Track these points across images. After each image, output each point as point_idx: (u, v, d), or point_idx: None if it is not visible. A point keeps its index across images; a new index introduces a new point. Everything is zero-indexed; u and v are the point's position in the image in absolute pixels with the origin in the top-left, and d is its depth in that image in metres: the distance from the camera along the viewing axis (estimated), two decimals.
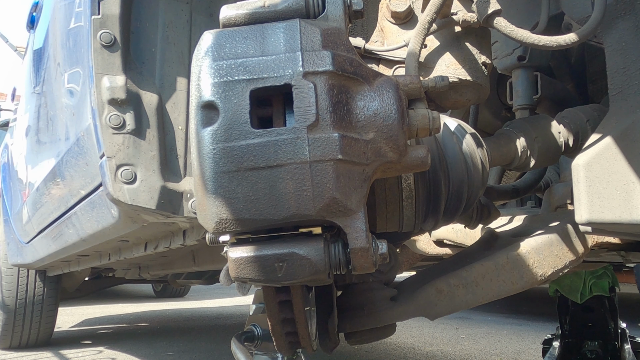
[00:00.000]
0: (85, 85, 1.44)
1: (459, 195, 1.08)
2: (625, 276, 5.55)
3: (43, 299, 3.55)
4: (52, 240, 2.38)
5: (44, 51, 2.13)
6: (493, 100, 1.89)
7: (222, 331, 4.34)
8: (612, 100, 1.03)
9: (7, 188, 3.48)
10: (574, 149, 1.29)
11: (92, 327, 4.74)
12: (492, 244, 1.27)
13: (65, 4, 1.65)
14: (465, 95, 1.15)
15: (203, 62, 0.78)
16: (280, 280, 0.77)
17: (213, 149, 0.75)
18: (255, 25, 0.80)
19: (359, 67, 0.80)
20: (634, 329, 2.83)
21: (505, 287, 1.16)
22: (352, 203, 0.76)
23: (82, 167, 1.59)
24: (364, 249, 0.76)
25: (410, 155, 0.82)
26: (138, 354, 3.40)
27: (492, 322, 4.60)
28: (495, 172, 1.89)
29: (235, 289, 1.14)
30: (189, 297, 7.30)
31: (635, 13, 1.00)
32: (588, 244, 1.20)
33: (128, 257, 2.19)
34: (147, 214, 1.39)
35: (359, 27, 1.29)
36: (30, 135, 2.52)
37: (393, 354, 3.23)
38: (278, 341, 0.98)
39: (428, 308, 1.16)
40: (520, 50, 1.53)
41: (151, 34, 1.35)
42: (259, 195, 0.74)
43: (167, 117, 1.36)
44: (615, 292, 2.15)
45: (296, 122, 0.74)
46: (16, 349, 3.64)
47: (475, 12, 1.08)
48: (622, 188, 0.94)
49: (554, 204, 1.45)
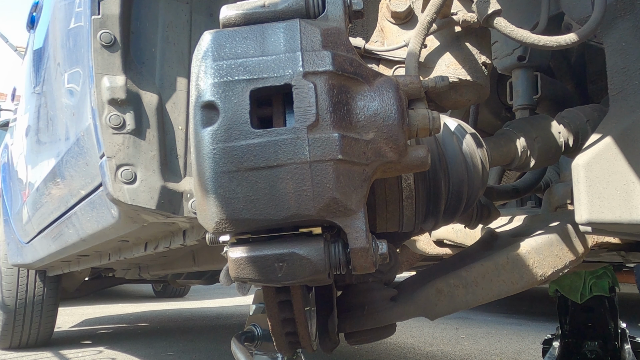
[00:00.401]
0: (85, 85, 1.44)
1: (459, 195, 1.08)
2: (625, 276, 5.55)
3: (43, 299, 3.55)
4: (52, 240, 2.38)
5: (44, 51, 2.13)
6: (493, 100, 1.89)
7: (222, 331, 4.34)
8: (612, 100, 1.02)
9: (7, 188, 3.48)
10: (574, 149, 1.29)
11: (92, 327, 4.74)
12: (492, 244, 1.27)
13: (65, 4, 1.65)
14: (465, 95, 1.15)
15: (203, 62, 0.78)
16: (280, 280, 0.77)
17: (213, 149, 0.75)
18: (255, 25, 0.80)
19: (359, 67, 0.80)
20: (634, 329, 2.83)
21: (505, 287, 1.16)
22: (352, 203, 0.76)
23: (82, 167, 1.59)
24: (364, 249, 0.76)
25: (410, 155, 0.82)
26: (138, 354, 3.40)
27: (492, 322, 4.60)
28: (495, 172, 1.89)
29: (235, 289, 1.13)
30: (189, 297, 7.30)
31: (635, 13, 1.00)
32: (588, 244, 1.20)
33: (128, 257, 2.19)
34: (147, 214, 1.40)
35: (359, 27, 1.29)
36: (30, 135, 2.52)
37: (393, 354, 3.23)
38: (278, 341, 0.98)
39: (428, 308, 1.16)
40: (520, 50, 1.53)
41: (151, 34, 1.35)
42: (259, 195, 0.74)
43: (167, 117, 1.36)
44: (615, 292, 2.15)
45: (296, 122, 0.74)
46: (16, 349, 3.64)
47: (475, 12, 1.08)
48: (622, 188, 0.94)
49: (554, 204, 1.45)
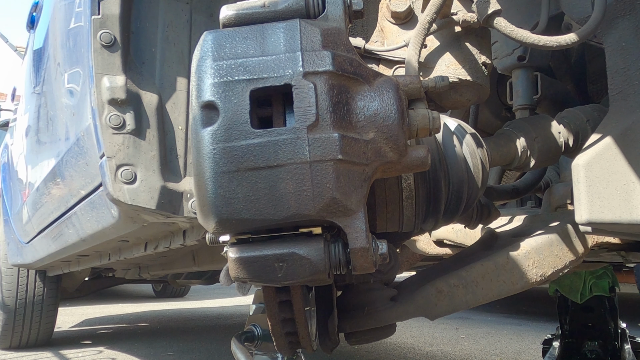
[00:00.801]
0: (85, 85, 1.44)
1: (459, 195, 1.08)
2: (625, 276, 5.55)
3: (43, 299, 3.55)
4: (52, 240, 2.38)
5: (44, 51, 2.13)
6: (493, 100, 1.89)
7: (222, 331, 4.34)
8: (612, 100, 1.02)
9: (7, 188, 3.48)
10: (574, 149, 1.29)
11: (92, 327, 4.74)
12: (492, 244, 1.27)
13: (65, 4, 1.65)
14: (465, 95, 1.15)
15: (203, 62, 0.78)
16: (280, 280, 0.77)
17: (213, 149, 0.75)
18: (255, 25, 0.80)
19: (359, 67, 0.80)
20: (634, 329, 2.83)
21: (505, 287, 1.16)
22: (352, 203, 0.76)
23: (82, 167, 1.59)
24: (364, 249, 0.76)
25: (410, 155, 0.82)
26: (138, 354, 3.40)
27: (492, 322, 4.60)
28: (495, 172, 1.89)
29: (235, 289, 1.13)
30: (189, 297, 7.30)
31: (635, 13, 1.00)
32: (588, 244, 1.20)
33: (128, 257, 2.19)
34: (147, 214, 1.40)
35: (359, 27, 1.29)
36: (30, 135, 2.52)
37: (393, 354, 3.23)
38: (278, 341, 0.98)
39: (428, 308, 1.16)
40: (520, 50, 1.53)
41: (151, 34, 1.35)
42: (259, 195, 0.74)
43: (167, 117, 1.36)
44: (615, 292, 2.15)
45: (296, 122, 0.74)
46: (16, 349, 3.64)
47: (475, 12, 1.08)
48: (622, 188, 0.94)
49: (554, 204, 1.45)
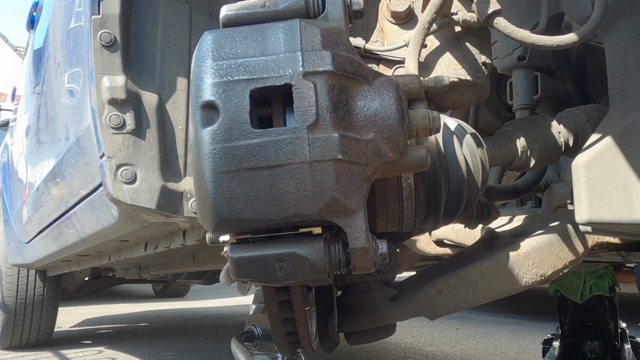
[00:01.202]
0: (85, 85, 1.44)
1: (459, 195, 1.08)
2: (625, 276, 5.54)
3: (43, 299, 3.55)
4: (52, 240, 2.38)
5: (44, 51, 2.13)
6: (493, 100, 1.89)
7: (222, 331, 4.34)
8: (612, 100, 1.02)
9: (7, 188, 3.48)
10: (574, 149, 1.29)
11: (92, 327, 4.74)
12: (492, 244, 1.27)
13: (65, 4, 1.65)
14: (465, 95, 1.15)
15: (203, 62, 0.78)
16: (280, 280, 0.77)
17: (213, 149, 0.75)
18: (255, 25, 0.80)
19: (359, 67, 0.80)
20: (634, 329, 2.83)
21: (505, 287, 1.16)
22: (352, 203, 0.76)
23: (82, 167, 1.59)
24: (364, 249, 0.76)
25: (410, 155, 0.82)
26: (138, 354, 3.40)
27: (492, 322, 4.60)
28: (495, 172, 1.89)
29: (235, 289, 1.14)
30: (189, 297, 7.30)
31: (635, 13, 1.00)
32: (588, 244, 1.20)
33: (128, 257, 2.19)
34: (147, 214, 1.40)
35: (359, 27, 1.29)
36: (30, 135, 2.52)
37: (393, 354, 3.23)
38: (278, 341, 0.98)
39: (428, 308, 1.16)
40: (520, 50, 1.53)
41: (151, 34, 1.35)
42: (259, 195, 0.74)
43: (167, 117, 1.37)
44: (615, 292, 2.15)
45: (296, 122, 0.74)
46: (16, 349, 3.64)
47: (475, 12, 1.08)
48: (622, 188, 0.94)
49: (554, 204, 1.45)
